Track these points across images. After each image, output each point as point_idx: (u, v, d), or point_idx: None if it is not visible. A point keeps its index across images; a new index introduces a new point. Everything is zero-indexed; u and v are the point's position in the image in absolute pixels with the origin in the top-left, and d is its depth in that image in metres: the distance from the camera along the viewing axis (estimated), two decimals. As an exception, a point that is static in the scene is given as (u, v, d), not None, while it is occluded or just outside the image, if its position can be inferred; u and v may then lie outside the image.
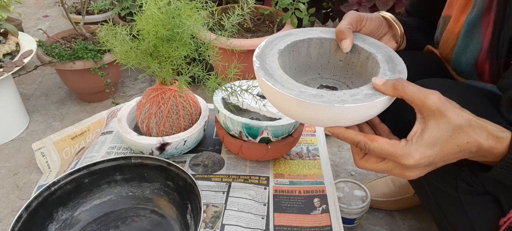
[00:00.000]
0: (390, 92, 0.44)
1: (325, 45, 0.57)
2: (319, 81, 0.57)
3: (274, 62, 0.50)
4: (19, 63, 1.16)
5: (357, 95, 0.44)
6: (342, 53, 0.56)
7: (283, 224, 0.71)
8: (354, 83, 0.55)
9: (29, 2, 2.53)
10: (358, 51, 0.54)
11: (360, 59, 0.55)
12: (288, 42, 0.55)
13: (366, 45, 0.54)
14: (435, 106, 0.41)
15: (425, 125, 0.42)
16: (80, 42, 1.35)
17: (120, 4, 1.68)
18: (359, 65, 0.55)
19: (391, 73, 0.48)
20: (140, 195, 0.75)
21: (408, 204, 0.98)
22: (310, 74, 0.58)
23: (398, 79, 0.44)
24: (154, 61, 0.74)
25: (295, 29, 0.58)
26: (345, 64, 0.57)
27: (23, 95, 1.48)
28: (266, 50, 0.53)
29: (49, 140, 1.06)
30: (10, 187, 1.05)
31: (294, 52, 0.56)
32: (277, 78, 0.47)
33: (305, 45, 0.56)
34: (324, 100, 0.43)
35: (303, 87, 0.45)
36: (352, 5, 1.47)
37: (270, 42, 0.55)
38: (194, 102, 0.85)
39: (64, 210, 0.70)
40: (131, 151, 0.87)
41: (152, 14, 0.67)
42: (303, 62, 0.57)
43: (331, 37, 0.56)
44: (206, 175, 0.82)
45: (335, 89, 0.55)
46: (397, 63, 0.50)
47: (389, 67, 0.49)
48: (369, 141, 0.44)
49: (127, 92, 1.53)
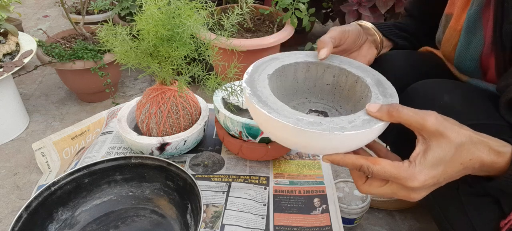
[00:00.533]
0: (386, 119, 0.44)
1: (311, 69, 0.56)
2: (307, 105, 0.57)
3: (265, 88, 0.49)
4: (19, 63, 1.16)
5: (355, 122, 0.43)
6: (329, 76, 0.56)
7: (283, 224, 0.71)
8: (342, 107, 0.55)
9: (29, 2, 2.53)
10: (346, 75, 0.54)
11: (348, 83, 0.54)
12: (276, 67, 0.54)
13: (353, 69, 0.54)
14: (434, 128, 0.41)
15: (427, 146, 0.42)
16: (80, 42, 1.35)
17: (120, 4, 1.68)
18: (347, 88, 0.55)
19: (383, 97, 0.48)
20: (140, 195, 0.75)
21: (408, 204, 0.98)
22: (298, 98, 0.58)
23: (392, 104, 0.44)
24: (154, 61, 0.74)
25: (281, 53, 0.57)
26: (332, 88, 0.56)
27: (23, 95, 1.48)
28: (255, 75, 0.52)
29: (49, 140, 1.06)
30: (10, 187, 1.05)
31: (281, 76, 0.55)
32: (271, 105, 0.46)
33: (292, 69, 0.56)
34: (323, 128, 0.42)
35: (299, 115, 0.44)
36: (352, 5, 1.47)
37: (257, 66, 0.54)
38: (194, 102, 0.85)
39: (64, 210, 0.70)
40: (131, 151, 0.87)
41: (152, 14, 0.67)
42: (290, 86, 0.57)
43: (317, 61, 0.55)
44: (206, 175, 0.82)
45: (326, 114, 0.55)
46: (387, 87, 0.50)
47: (380, 91, 0.49)
48: (372, 164, 0.43)
49: (127, 92, 1.53)
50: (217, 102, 0.80)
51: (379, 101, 0.47)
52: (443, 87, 0.55)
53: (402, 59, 0.68)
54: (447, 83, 0.57)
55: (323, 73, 0.56)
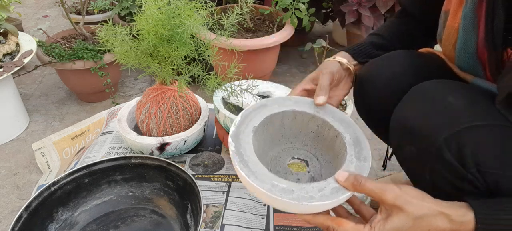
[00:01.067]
0: (351, 189, 0.48)
1: (297, 117, 0.60)
2: (291, 151, 0.60)
3: (248, 143, 0.52)
4: (19, 63, 1.16)
5: (324, 191, 0.47)
6: (313, 125, 0.60)
7: (283, 224, 0.71)
8: (323, 156, 0.59)
9: (29, 2, 2.53)
10: (328, 127, 0.58)
11: (330, 135, 0.58)
12: (262, 118, 0.57)
13: (336, 123, 0.57)
14: (392, 202, 0.45)
15: (388, 215, 0.46)
16: (80, 42, 1.35)
17: (120, 4, 1.68)
18: (329, 140, 0.58)
19: (357, 160, 0.51)
20: (140, 195, 0.75)
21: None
22: (283, 143, 0.61)
23: (356, 177, 0.48)
24: (154, 61, 0.74)
25: (271, 99, 0.60)
26: (315, 136, 0.60)
27: (23, 95, 1.48)
28: (242, 127, 0.55)
29: (49, 140, 1.06)
30: (10, 187, 1.05)
31: (268, 124, 0.58)
32: (251, 166, 0.49)
33: (280, 117, 0.59)
34: (294, 197, 0.46)
35: (275, 179, 0.48)
36: (352, 5, 1.47)
37: (245, 116, 0.57)
38: (194, 102, 0.85)
39: (64, 210, 0.70)
40: (131, 151, 0.87)
41: (152, 14, 0.67)
42: (278, 131, 0.60)
43: (303, 110, 0.59)
44: (206, 175, 0.82)
45: (307, 162, 0.59)
46: (363, 148, 0.53)
47: (355, 153, 0.53)
48: (337, 225, 0.48)
49: (127, 92, 1.53)
50: (217, 102, 0.80)
51: (352, 164, 0.51)
52: (447, 88, 0.55)
53: (402, 59, 0.68)
54: (451, 84, 0.56)
55: (308, 122, 0.60)
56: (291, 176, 0.56)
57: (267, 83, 0.91)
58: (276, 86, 0.91)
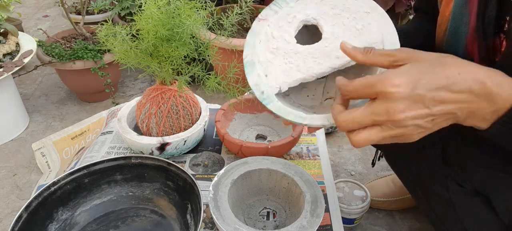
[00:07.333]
0: (360, 57, 0.43)
1: (272, 175, 0.71)
2: (265, 202, 0.72)
3: (224, 193, 0.64)
4: (19, 63, 1.16)
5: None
6: (285, 183, 0.70)
7: (283, 224, 0.71)
8: (290, 209, 0.70)
9: (29, 2, 2.53)
10: (295, 186, 0.67)
11: (296, 192, 0.68)
12: (241, 172, 0.69)
13: (302, 182, 0.67)
14: (406, 55, 0.40)
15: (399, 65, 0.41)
16: (80, 42, 1.35)
17: (120, 4, 1.68)
18: (295, 196, 0.68)
19: (310, 216, 0.60)
20: (140, 195, 0.75)
21: (408, 204, 0.98)
22: (260, 194, 0.73)
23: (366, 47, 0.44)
24: (154, 61, 0.74)
25: (251, 158, 0.72)
26: (287, 191, 0.70)
27: (23, 95, 1.48)
28: (223, 179, 0.67)
29: (49, 140, 1.06)
30: (10, 187, 1.05)
31: (247, 178, 0.70)
32: (222, 212, 0.61)
33: (257, 173, 0.71)
34: None
35: (238, 224, 0.59)
36: (352, 5, 1.46)
37: (228, 170, 0.69)
38: (194, 102, 0.85)
39: (64, 210, 0.70)
40: (131, 151, 0.87)
41: (152, 14, 0.67)
42: (255, 185, 0.72)
43: (277, 169, 0.69)
44: (206, 175, 0.81)
45: (275, 213, 0.70)
46: (319, 206, 0.62)
47: (310, 210, 0.61)
48: (345, 84, 0.42)
49: (127, 92, 1.53)
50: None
51: (305, 219, 0.60)
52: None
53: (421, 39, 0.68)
54: None
55: (281, 179, 0.70)
56: (259, 223, 0.68)
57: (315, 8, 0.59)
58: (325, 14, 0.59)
